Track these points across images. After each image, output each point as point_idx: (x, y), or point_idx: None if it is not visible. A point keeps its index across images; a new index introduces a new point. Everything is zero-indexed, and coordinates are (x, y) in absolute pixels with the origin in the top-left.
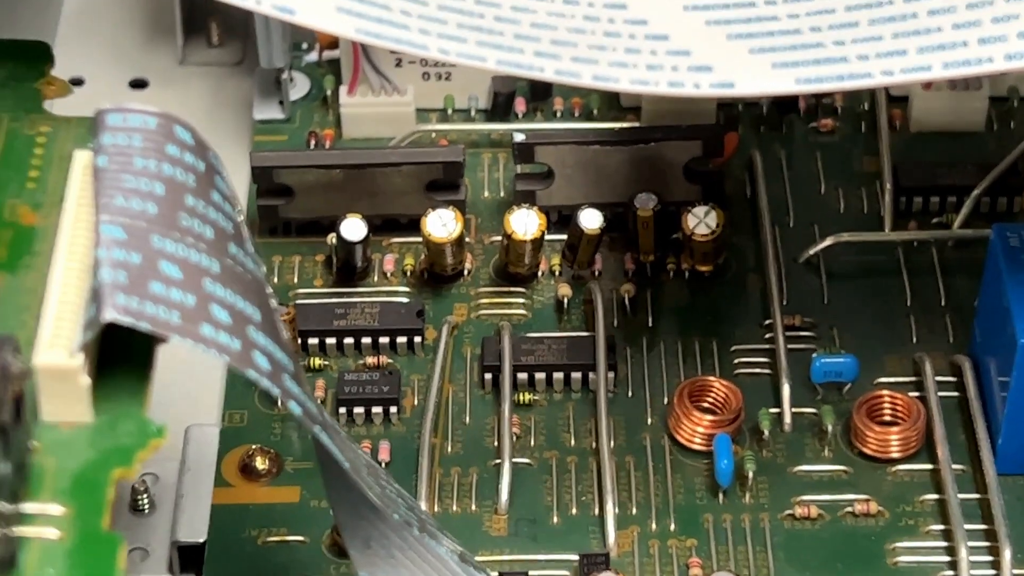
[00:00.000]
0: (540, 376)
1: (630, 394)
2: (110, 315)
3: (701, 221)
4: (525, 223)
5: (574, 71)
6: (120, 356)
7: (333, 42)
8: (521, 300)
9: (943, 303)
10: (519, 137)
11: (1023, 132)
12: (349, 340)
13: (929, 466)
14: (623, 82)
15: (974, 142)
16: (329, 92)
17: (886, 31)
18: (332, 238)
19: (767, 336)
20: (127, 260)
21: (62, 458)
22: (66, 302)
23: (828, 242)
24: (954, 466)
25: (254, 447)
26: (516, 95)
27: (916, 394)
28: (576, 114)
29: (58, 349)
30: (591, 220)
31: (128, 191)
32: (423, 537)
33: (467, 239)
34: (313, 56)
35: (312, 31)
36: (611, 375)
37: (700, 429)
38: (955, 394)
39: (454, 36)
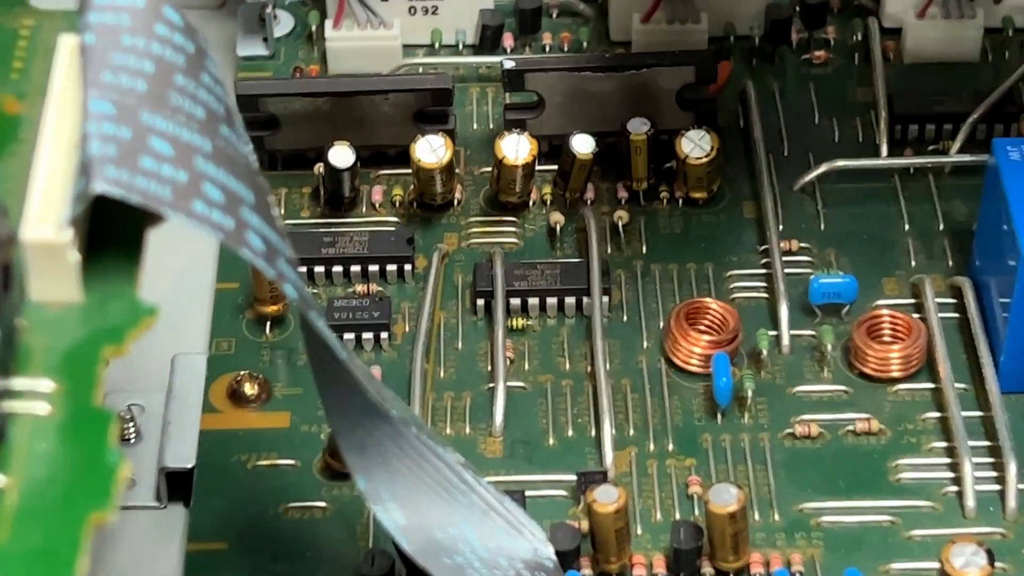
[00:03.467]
0: (533, 301)
1: (625, 319)
2: (100, 187)
3: (696, 145)
4: (516, 148)
5: None
6: (109, 236)
7: None
8: (512, 228)
9: (940, 228)
10: (509, 64)
11: (1018, 62)
12: (338, 268)
13: (930, 385)
14: None
15: (968, 72)
16: (314, 28)
17: None
18: (319, 168)
19: (763, 262)
20: (117, 135)
21: (51, 337)
22: (53, 179)
23: (823, 168)
24: (956, 385)
25: (242, 373)
26: (504, 29)
27: (917, 316)
28: (565, 48)
29: (46, 224)
30: (583, 145)
31: (117, 68)
32: (421, 435)
33: (457, 170)
34: None
35: None
36: (605, 300)
37: (697, 350)
38: (955, 315)
39: None
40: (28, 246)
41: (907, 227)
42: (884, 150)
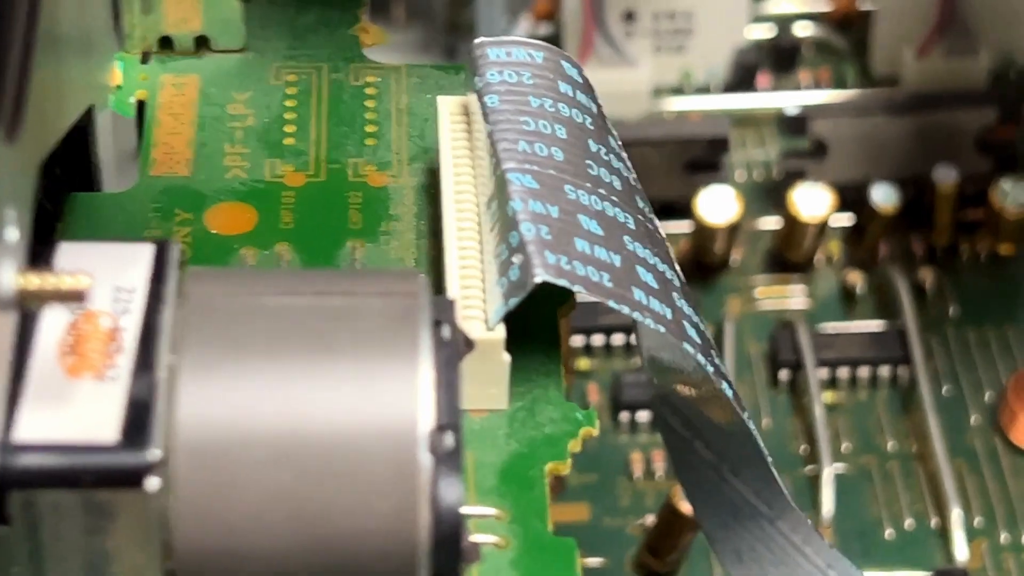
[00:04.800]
0: (842, 373)
1: (944, 391)
2: (540, 275)
3: (1012, 194)
4: (811, 202)
5: None
6: (524, 330)
7: (548, 12)
8: (801, 288)
9: None
10: (792, 110)
11: None
12: (618, 339)
13: None
14: None
15: None
16: None
17: None
18: None
19: None
20: (546, 213)
21: (481, 451)
22: (467, 267)
23: None
24: None
25: None
26: (759, 67)
27: None
28: (825, 86)
29: (474, 321)
30: (885, 197)
31: (530, 134)
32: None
33: None
34: (523, 30)
35: (525, 2)
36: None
37: None
38: None
39: None
40: None
41: None
42: None
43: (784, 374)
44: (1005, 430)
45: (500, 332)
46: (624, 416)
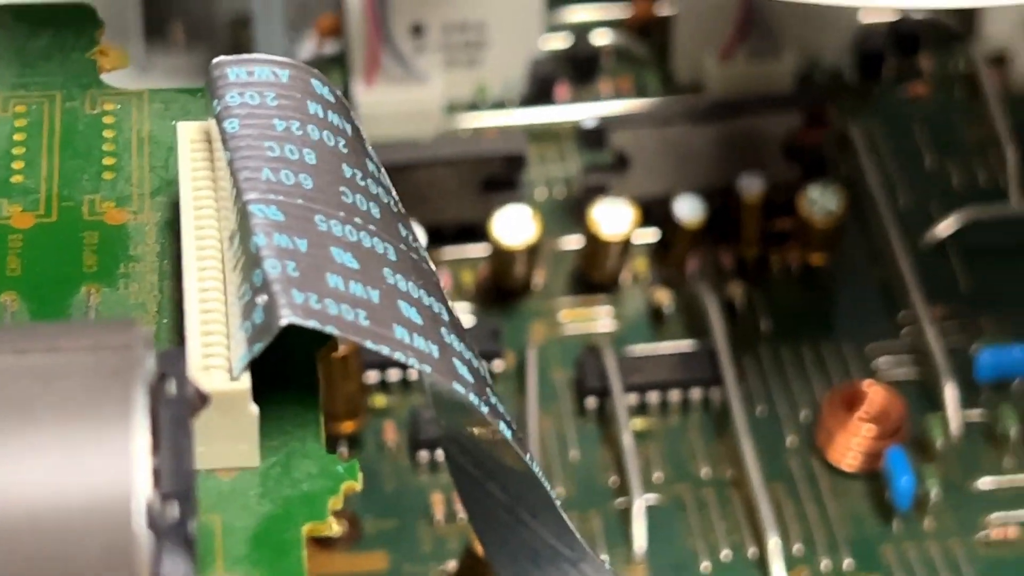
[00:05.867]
0: (653, 397)
1: (759, 411)
2: (287, 317)
3: (820, 202)
4: (613, 219)
5: None
6: (276, 375)
7: (333, 29)
8: (608, 310)
9: None
10: (590, 123)
11: None
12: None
13: None
14: None
15: None
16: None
17: None
18: None
19: (904, 332)
20: (293, 247)
21: (231, 514)
22: (209, 310)
23: (955, 220)
24: None
25: None
26: (557, 79)
27: None
28: (627, 96)
29: (217, 371)
30: (690, 210)
31: (275, 161)
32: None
33: None
34: (308, 50)
35: (307, 19)
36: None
37: (857, 442)
38: None
39: None
40: None
41: None
42: (1015, 195)
43: (591, 402)
44: (822, 450)
45: (245, 382)
46: (423, 455)
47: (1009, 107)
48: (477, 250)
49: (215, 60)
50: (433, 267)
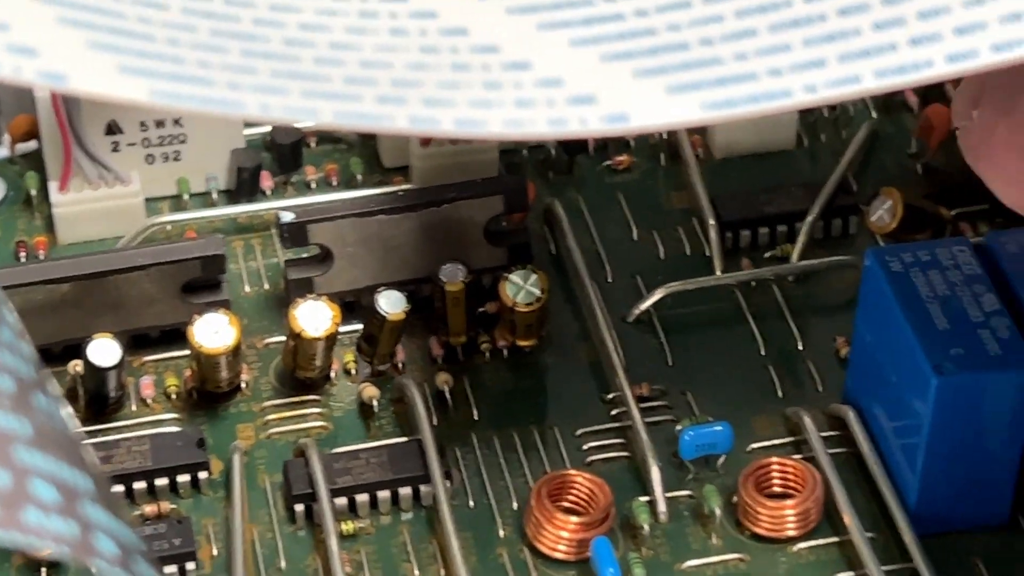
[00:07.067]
0: (362, 498)
1: (471, 504)
2: None
3: (522, 288)
4: (315, 318)
5: (430, 117)
6: None
7: (28, 131)
8: (317, 410)
9: (800, 347)
10: (287, 217)
11: (836, 145)
12: (118, 488)
13: (834, 539)
14: (493, 125)
15: (786, 161)
16: (34, 192)
17: (794, 38)
18: (75, 366)
19: (613, 413)
20: None
21: None
22: None
23: (659, 294)
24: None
25: None
26: (262, 168)
27: (798, 456)
28: (335, 183)
29: None
30: (393, 304)
31: None
32: None
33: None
34: (2, 152)
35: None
36: (447, 484)
37: (565, 534)
38: (841, 449)
39: (271, 88)
40: None
41: (763, 350)
42: (718, 264)
43: (300, 507)
44: (533, 540)
45: None
46: None
47: (708, 174)
48: (182, 353)
49: None
50: (80, 431)
